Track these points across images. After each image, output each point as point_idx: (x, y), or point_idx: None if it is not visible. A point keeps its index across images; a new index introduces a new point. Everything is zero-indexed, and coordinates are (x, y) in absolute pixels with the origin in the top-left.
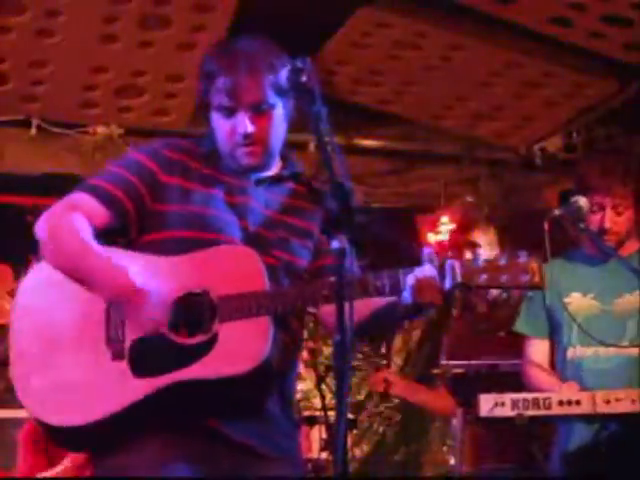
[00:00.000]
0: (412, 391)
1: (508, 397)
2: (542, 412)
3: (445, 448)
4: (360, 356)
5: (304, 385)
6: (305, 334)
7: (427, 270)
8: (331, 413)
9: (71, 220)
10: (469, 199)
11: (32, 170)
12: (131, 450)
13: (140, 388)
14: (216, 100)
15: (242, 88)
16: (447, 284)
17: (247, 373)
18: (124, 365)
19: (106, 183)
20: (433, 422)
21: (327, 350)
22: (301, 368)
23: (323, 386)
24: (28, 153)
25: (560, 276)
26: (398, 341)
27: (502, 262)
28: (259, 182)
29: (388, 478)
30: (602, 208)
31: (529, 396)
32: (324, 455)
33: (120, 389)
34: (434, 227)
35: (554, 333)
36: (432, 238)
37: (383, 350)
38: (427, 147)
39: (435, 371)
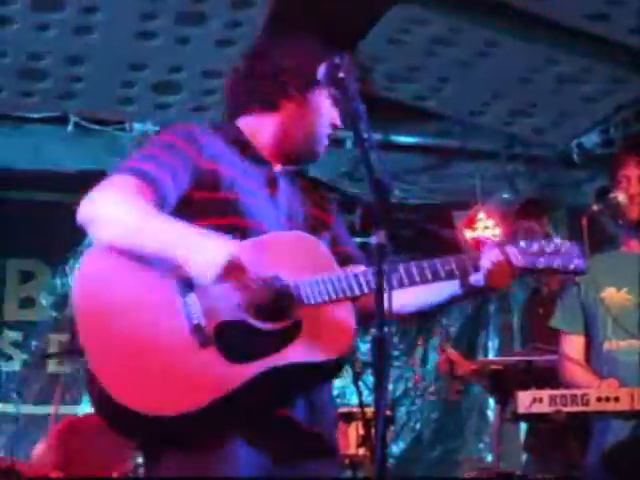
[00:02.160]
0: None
1: (546, 393)
2: (580, 408)
3: (482, 445)
4: (396, 353)
5: (341, 381)
6: None
7: (496, 254)
8: (368, 409)
9: (125, 194)
10: (506, 196)
11: (68, 167)
12: (208, 446)
13: (244, 372)
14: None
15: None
16: (516, 262)
17: (336, 359)
18: (214, 352)
19: (151, 166)
20: (469, 419)
21: (364, 346)
22: None
23: (360, 382)
24: (65, 150)
25: (597, 272)
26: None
27: (552, 247)
28: (286, 174)
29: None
30: (629, 179)
31: (567, 392)
32: (361, 451)
33: (217, 376)
34: (471, 223)
35: (589, 328)
36: (469, 234)
37: (419, 343)
38: (463, 143)
39: (472, 367)
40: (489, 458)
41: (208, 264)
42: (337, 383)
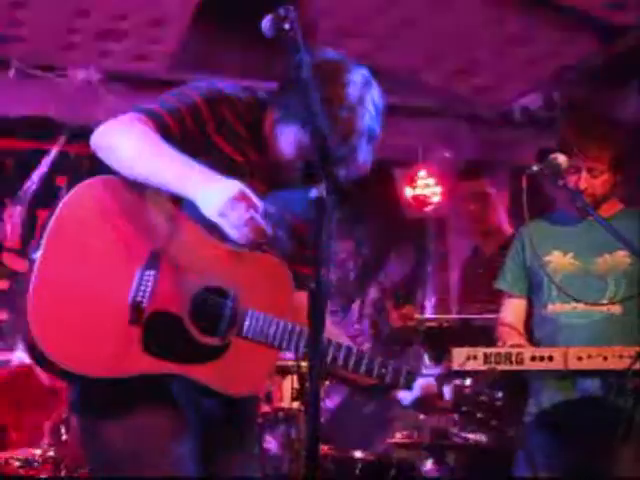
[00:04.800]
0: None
1: (480, 351)
2: (514, 367)
3: None
4: (334, 308)
5: None
6: None
7: (431, 386)
8: (303, 364)
9: (139, 126)
10: (447, 154)
11: (10, 113)
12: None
13: (147, 365)
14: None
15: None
16: (443, 403)
17: (241, 397)
18: (138, 333)
19: (168, 115)
20: None
21: None
22: None
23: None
24: (6, 95)
25: (540, 236)
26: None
27: (484, 398)
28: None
29: None
30: (578, 170)
31: (502, 350)
32: (295, 405)
33: (128, 358)
34: (412, 181)
35: (534, 292)
36: (409, 192)
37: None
38: (406, 101)
39: (410, 324)
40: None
41: (218, 195)
42: None
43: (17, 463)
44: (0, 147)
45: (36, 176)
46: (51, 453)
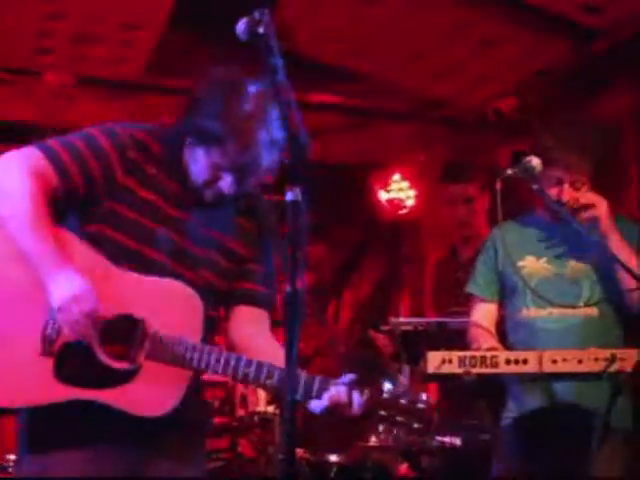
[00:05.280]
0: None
1: (455, 354)
2: (489, 370)
3: None
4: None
5: None
6: None
7: (340, 394)
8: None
9: (29, 186)
10: (422, 157)
11: None
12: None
13: (59, 392)
14: (214, 155)
15: (255, 165)
16: (353, 410)
17: (151, 418)
18: (50, 364)
19: (67, 156)
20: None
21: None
22: None
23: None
24: None
25: (513, 240)
26: (347, 296)
27: (403, 401)
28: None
29: None
30: (560, 182)
31: (477, 354)
32: (270, 409)
33: (41, 387)
34: (385, 184)
35: (508, 296)
36: (383, 195)
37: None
38: (382, 104)
39: (384, 328)
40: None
41: (62, 291)
42: None
43: None
44: None
45: None
46: None
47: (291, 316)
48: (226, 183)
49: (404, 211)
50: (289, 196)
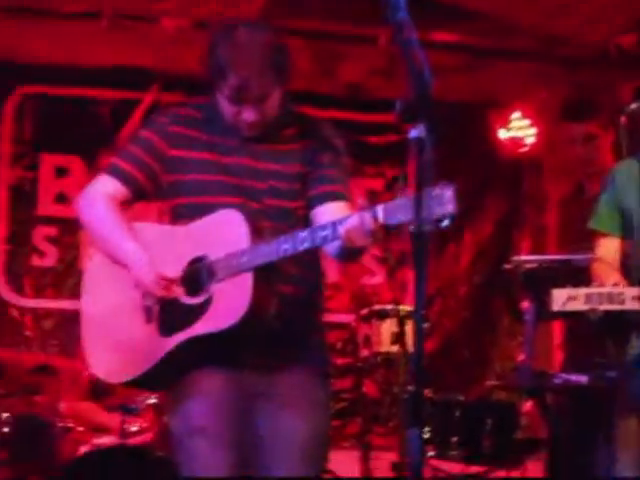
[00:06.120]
0: None
1: (582, 292)
2: (616, 307)
3: (515, 343)
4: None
5: (375, 280)
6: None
7: (353, 219)
8: (402, 307)
9: (99, 207)
10: (542, 95)
11: (103, 62)
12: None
13: (167, 344)
14: (225, 91)
15: (251, 87)
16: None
17: (230, 328)
18: (153, 327)
19: (124, 163)
20: (501, 318)
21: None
22: (372, 264)
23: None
24: (99, 46)
25: (630, 177)
26: (468, 237)
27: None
28: (248, 139)
29: None
30: None
31: (603, 290)
32: (394, 348)
33: (151, 348)
34: (506, 123)
35: (631, 231)
36: (504, 134)
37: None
38: (502, 43)
39: (507, 266)
40: (521, 356)
41: (132, 272)
42: (372, 281)
43: None
44: (95, 97)
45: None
46: None
47: (419, 253)
48: (247, 113)
49: (525, 149)
50: (413, 133)
